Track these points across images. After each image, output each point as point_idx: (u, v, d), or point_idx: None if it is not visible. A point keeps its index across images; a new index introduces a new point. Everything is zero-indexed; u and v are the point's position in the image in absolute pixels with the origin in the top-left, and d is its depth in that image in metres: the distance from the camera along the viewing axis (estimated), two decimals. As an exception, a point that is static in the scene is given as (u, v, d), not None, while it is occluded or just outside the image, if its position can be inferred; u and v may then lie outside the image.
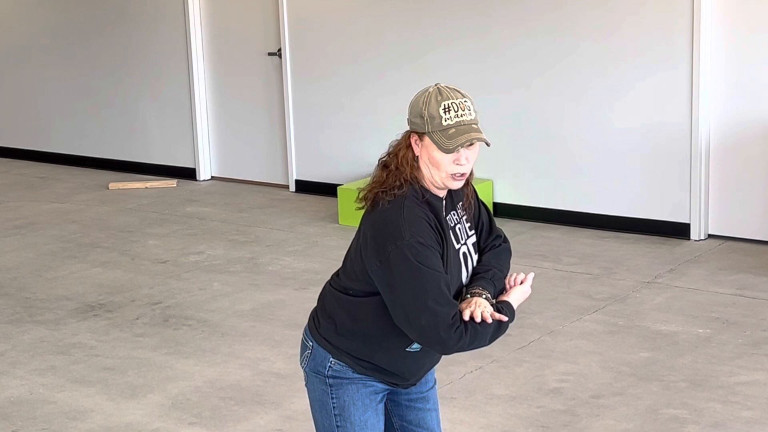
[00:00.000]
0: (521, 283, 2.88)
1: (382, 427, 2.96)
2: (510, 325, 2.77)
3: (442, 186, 2.77)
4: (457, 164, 2.72)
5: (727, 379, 4.71)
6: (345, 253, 2.93)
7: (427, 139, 2.71)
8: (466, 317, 2.68)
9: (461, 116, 2.69)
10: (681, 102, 6.73)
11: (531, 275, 2.88)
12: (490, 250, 2.94)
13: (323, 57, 8.30)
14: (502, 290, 2.88)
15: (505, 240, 3.00)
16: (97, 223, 7.91)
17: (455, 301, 2.71)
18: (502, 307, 2.77)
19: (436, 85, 2.77)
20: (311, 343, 2.91)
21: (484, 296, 2.76)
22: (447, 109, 2.68)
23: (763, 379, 4.70)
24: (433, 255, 2.68)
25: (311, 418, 3.02)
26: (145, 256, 6.98)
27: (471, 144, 2.70)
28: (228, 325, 5.64)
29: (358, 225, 2.87)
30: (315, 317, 2.95)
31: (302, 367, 2.96)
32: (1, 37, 10.44)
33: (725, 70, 6.64)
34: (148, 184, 9.08)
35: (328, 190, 8.29)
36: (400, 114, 3.25)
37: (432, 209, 2.75)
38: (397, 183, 2.73)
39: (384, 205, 2.72)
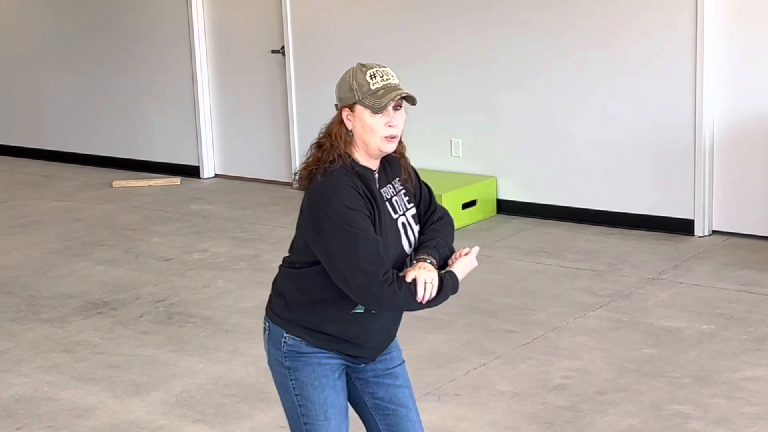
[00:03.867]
0: (466, 254, 3.01)
1: (344, 403, 3.06)
2: (457, 294, 2.93)
3: (377, 153, 2.93)
4: (390, 126, 2.89)
5: (732, 375, 4.70)
6: None
7: (358, 108, 2.90)
8: (409, 279, 2.84)
9: (387, 80, 2.90)
10: (685, 99, 6.72)
11: (476, 248, 3.02)
12: (433, 224, 3.10)
13: (326, 54, 8.30)
14: (447, 259, 3.02)
15: (447, 215, 3.16)
16: (101, 221, 7.91)
17: (385, 259, 2.84)
18: (447, 276, 2.92)
19: (357, 63, 2.97)
20: (267, 324, 3.06)
21: (429, 261, 2.92)
22: (373, 76, 2.90)
23: (767, 375, 4.69)
24: (361, 218, 2.83)
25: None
26: (149, 254, 6.98)
27: (401, 100, 2.88)
28: (232, 322, 5.65)
29: None
30: (269, 299, 3.10)
31: (264, 349, 3.09)
32: (5, 36, 10.45)
33: (729, 66, 6.62)
34: (152, 182, 9.08)
35: (331, 187, 8.27)
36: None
37: (362, 179, 2.91)
38: (330, 158, 2.90)
39: (317, 179, 2.89)
